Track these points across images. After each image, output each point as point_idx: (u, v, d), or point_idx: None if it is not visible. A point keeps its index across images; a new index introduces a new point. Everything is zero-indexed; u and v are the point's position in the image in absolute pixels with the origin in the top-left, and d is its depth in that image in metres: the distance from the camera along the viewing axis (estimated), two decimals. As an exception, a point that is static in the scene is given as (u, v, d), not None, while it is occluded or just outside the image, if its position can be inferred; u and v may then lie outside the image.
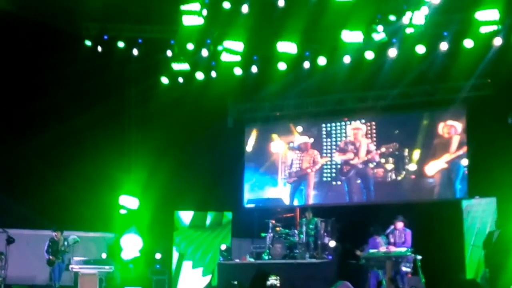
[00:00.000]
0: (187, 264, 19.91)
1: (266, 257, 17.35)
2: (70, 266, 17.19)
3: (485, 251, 15.43)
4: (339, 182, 19.91)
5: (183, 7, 17.73)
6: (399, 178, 19.16)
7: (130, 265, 19.17)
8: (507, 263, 14.55)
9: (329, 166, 20.09)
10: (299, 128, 20.53)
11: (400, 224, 15.54)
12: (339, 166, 19.92)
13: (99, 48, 19.31)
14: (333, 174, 20.00)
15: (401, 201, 18.86)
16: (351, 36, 17.66)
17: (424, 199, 18.79)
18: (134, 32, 19.40)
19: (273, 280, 15.79)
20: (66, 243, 17.03)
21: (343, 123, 20.04)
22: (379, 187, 19.34)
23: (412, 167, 19.01)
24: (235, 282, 16.03)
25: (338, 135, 20.10)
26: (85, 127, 18.73)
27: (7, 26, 17.41)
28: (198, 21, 17.94)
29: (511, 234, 15.07)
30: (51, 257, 16.83)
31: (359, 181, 19.63)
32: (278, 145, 20.76)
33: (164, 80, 19.89)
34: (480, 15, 16.40)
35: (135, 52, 19.57)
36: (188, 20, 17.92)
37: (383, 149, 19.37)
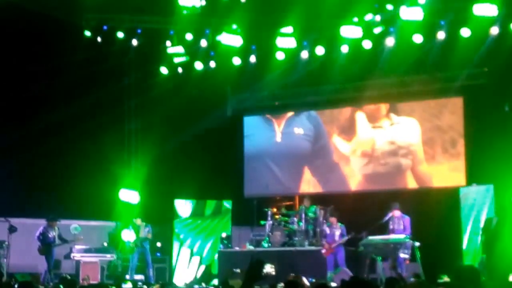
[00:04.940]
0: (186, 252, 20.06)
1: (266, 245, 17.50)
2: (72, 255, 17.29)
3: (483, 238, 15.56)
4: (337, 169, 20.08)
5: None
6: (396, 165, 19.28)
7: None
8: (505, 250, 14.68)
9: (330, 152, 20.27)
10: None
11: (397, 212, 15.70)
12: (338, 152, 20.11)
13: (99, 39, 19.35)
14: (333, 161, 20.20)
15: (399, 188, 19.02)
16: (349, 27, 17.82)
17: (422, 186, 18.92)
18: (133, 23, 19.43)
19: (268, 268, 15.84)
20: (147, 229, 17.49)
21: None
22: (377, 174, 19.46)
23: (410, 154, 19.13)
24: (238, 270, 16.04)
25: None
26: (85, 117, 18.80)
27: (8, 17, 17.44)
28: (194, 1, 18.01)
29: (508, 221, 15.22)
30: (131, 244, 17.09)
31: (356, 169, 19.77)
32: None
33: (164, 70, 19.98)
34: (477, 3, 16.50)
35: (134, 42, 19.61)
36: (184, 1, 18.00)
37: (381, 137, 19.50)
